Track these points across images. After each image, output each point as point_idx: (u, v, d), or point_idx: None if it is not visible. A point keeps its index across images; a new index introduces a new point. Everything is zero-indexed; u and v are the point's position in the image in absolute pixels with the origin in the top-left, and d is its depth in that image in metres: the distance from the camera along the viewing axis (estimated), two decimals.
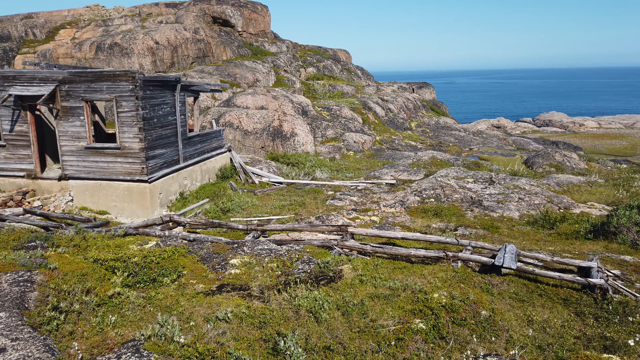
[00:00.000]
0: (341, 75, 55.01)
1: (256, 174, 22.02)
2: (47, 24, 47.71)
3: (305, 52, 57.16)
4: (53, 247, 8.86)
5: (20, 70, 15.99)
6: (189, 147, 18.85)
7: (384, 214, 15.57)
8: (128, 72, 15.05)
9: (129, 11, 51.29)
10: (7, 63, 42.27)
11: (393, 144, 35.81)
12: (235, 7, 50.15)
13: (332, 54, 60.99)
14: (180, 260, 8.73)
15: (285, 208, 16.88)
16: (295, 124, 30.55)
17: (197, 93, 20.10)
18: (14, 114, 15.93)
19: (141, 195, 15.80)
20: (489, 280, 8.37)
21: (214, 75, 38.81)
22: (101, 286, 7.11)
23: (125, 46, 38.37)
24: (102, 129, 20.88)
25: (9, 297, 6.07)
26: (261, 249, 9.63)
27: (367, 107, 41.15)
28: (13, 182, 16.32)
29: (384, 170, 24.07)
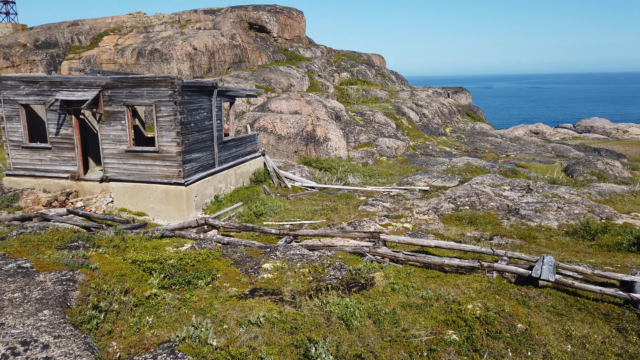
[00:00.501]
0: (375, 80, 54.83)
1: (289, 178, 22.19)
2: (92, 30, 49.64)
3: (340, 57, 57.30)
4: (94, 248, 9.19)
5: (66, 76, 16.70)
6: (224, 151, 19.20)
7: (416, 221, 15.39)
8: (167, 78, 15.49)
9: (168, 18, 52.78)
10: (54, 69, 44.20)
11: (427, 149, 35.38)
12: (271, 13, 50.83)
13: (366, 59, 60.90)
14: (214, 263, 8.90)
15: (318, 213, 16.94)
16: (329, 128, 30.63)
17: (233, 98, 20.46)
18: (60, 117, 16.63)
19: (178, 197, 16.19)
20: (525, 292, 8.15)
21: (249, 81, 39.41)
22: (139, 287, 7.32)
23: (164, 52, 39.47)
24: (142, 132, 21.53)
25: (52, 296, 6.34)
26: (293, 254, 9.70)
27: (400, 112, 40.85)
28: (58, 183, 17.02)
29: (417, 176, 23.82)
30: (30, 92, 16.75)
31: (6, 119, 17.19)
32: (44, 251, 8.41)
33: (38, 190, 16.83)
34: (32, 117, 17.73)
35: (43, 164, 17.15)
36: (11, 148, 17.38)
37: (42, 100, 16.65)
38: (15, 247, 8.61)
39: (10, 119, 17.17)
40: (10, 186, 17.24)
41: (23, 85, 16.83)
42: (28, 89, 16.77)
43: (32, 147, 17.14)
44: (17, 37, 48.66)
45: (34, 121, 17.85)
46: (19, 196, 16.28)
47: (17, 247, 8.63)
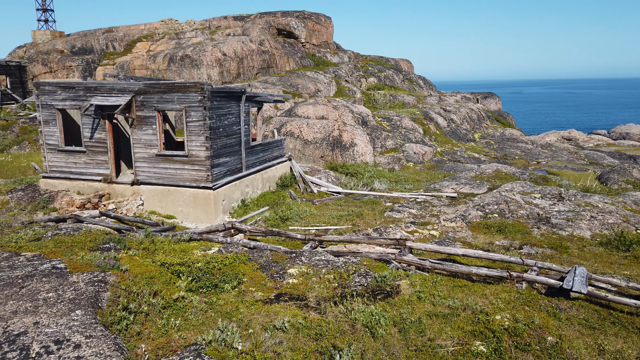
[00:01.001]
0: (402, 85, 54.51)
1: (315, 183, 22.25)
2: (126, 37, 51.04)
3: (367, 62, 57.22)
4: (125, 250, 9.42)
5: (101, 82, 17.20)
6: (251, 156, 19.41)
7: (443, 229, 15.19)
8: (197, 84, 15.78)
9: (199, 24, 53.81)
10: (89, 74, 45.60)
11: (455, 155, 34.92)
12: (300, 19, 51.21)
13: (394, 64, 60.63)
14: (240, 268, 8.99)
15: (343, 218, 16.91)
16: (355, 134, 30.60)
17: (261, 103, 20.68)
18: (94, 122, 17.15)
19: (205, 201, 16.44)
20: (556, 304, 7.94)
21: (277, 86, 39.76)
22: (167, 289, 7.47)
23: (195, 58, 40.24)
24: (172, 137, 21.97)
25: (84, 296, 6.53)
26: (318, 259, 9.71)
27: (428, 117, 40.47)
28: (91, 185, 17.53)
29: (445, 182, 23.52)
30: (67, 97, 17.34)
31: (44, 123, 17.83)
32: (77, 252, 8.67)
33: (72, 192, 17.36)
34: (67, 122, 18.33)
35: (77, 166, 17.69)
36: (48, 151, 18.00)
37: (78, 105, 17.19)
38: (50, 247, 8.90)
39: (48, 123, 17.79)
40: (46, 188, 17.84)
41: (60, 91, 17.42)
42: (64, 94, 17.36)
43: (68, 150, 17.71)
44: (55, 44, 50.46)
45: (70, 125, 18.44)
46: (54, 198, 16.83)
47: (52, 247, 8.92)
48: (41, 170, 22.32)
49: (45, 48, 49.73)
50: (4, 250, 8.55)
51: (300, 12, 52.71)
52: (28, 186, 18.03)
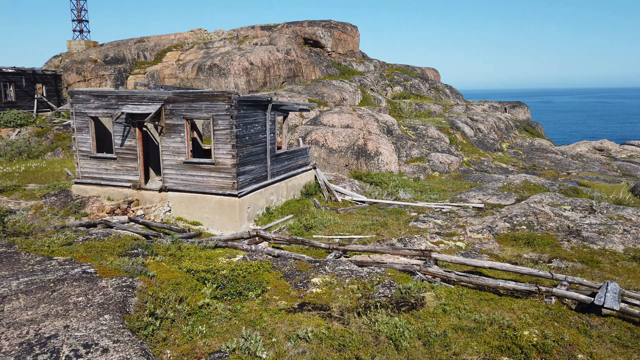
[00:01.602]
0: (428, 94, 54.14)
1: (339, 192, 22.24)
2: (156, 47, 52.33)
3: (393, 70, 57.11)
4: (152, 255, 9.59)
5: (132, 91, 17.66)
6: (276, 164, 19.56)
7: (470, 240, 14.95)
8: (225, 93, 16.04)
9: (227, 34, 54.76)
10: (121, 83, 46.86)
11: (482, 165, 34.39)
12: (326, 29, 51.56)
13: (420, 73, 60.32)
14: (264, 276, 9.04)
15: (367, 228, 16.84)
16: (380, 142, 30.50)
17: (287, 112, 20.86)
18: (124, 129, 17.60)
19: (231, 208, 16.62)
20: (587, 320, 7.71)
21: (302, 94, 40.04)
22: (192, 296, 7.57)
23: (222, 67, 40.92)
24: (199, 145, 22.34)
25: (113, 301, 6.67)
26: (342, 269, 9.68)
27: (454, 126, 40.03)
28: (121, 191, 17.95)
29: (471, 193, 23.17)
30: (99, 106, 17.86)
31: (77, 130, 18.40)
32: (106, 257, 8.88)
33: (103, 198, 17.82)
34: (99, 129, 18.86)
35: (108, 173, 18.16)
36: (80, 158, 18.54)
37: (110, 113, 17.69)
38: (81, 252, 9.14)
39: (81, 130, 18.35)
40: (78, 193, 18.36)
41: (93, 99, 17.97)
42: (97, 102, 17.89)
43: (99, 157, 18.21)
44: (89, 54, 52.11)
45: (101, 133, 18.97)
46: (86, 203, 17.30)
47: (83, 252, 9.16)
48: (73, 176, 23.00)
49: (79, 57, 51.41)
50: (37, 254, 8.83)
51: (326, 21, 53.08)
52: (61, 191, 18.58)
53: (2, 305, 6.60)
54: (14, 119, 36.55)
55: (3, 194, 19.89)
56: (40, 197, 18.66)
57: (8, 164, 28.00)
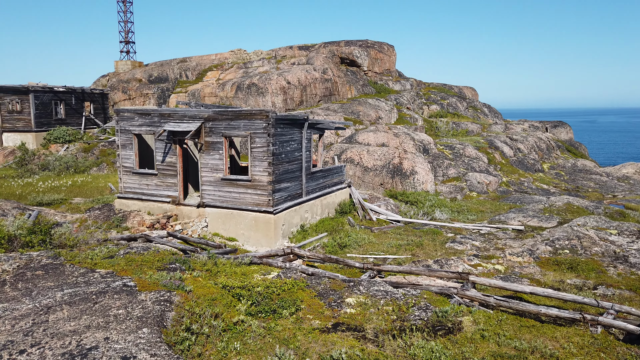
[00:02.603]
0: (466, 113, 53.43)
1: (374, 210, 22.09)
2: (198, 66, 54.09)
3: (429, 89, 56.77)
4: (189, 270, 9.77)
5: (174, 109, 18.26)
6: (311, 182, 19.66)
7: (509, 263, 14.50)
8: (262, 112, 16.35)
9: (266, 54, 56.02)
10: (164, 101, 48.56)
11: (522, 186, 33.46)
12: (363, 48, 51.98)
13: (458, 91, 59.71)
14: (298, 294, 9.04)
15: (402, 248, 16.61)
16: (416, 161, 30.21)
17: (322, 130, 21.03)
18: (166, 146, 18.16)
19: (266, 225, 16.77)
20: (636, 352, 7.29)
21: (338, 113, 40.29)
22: (227, 312, 7.64)
23: (260, 86, 41.80)
24: (237, 162, 22.77)
25: (151, 315, 6.82)
26: (377, 290, 9.56)
27: (493, 146, 39.25)
28: (160, 206, 18.45)
29: (511, 214, 22.54)
30: (143, 123, 18.53)
31: (121, 146, 19.12)
32: (146, 271, 9.10)
33: (143, 212, 18.35)
34: (142, 146, 19.53)
35: (149, 188, 18.72)
36: (123, 173, 19.22)
37: (152, 131, 18.31)
38: (121, 265, 9.42)
39: (125, 146, 19.06)
40: (120, 208, 18.98)
41: (137, 117, 18.67)
42: (141, 120, 18.57)
43: (141, 172, 18.82)
44: (134, 73, 54.36)
45: (144, 149, 19.64)
46: (127, 217, 17.85)
47: (124, 265, 9.43)
48: (116, 191, 23.82)
49: (125, 77, 53.69)
50: (81, 266, 9.15)
51: (363, 41, 53.52)
52: (104, 205, 19.27)
53: (47, 316, 6.86)
54: (63, 135, 38.37)
55: (51, 207, 20.80)
56: (85, 211, 19.39)
57: (56, 178, 29.32)
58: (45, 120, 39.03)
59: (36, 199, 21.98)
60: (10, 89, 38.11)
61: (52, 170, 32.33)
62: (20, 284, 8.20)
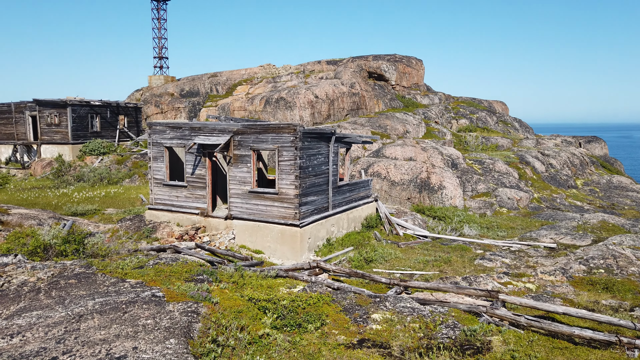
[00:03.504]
0: (496, 128, 52.62)
1: (401, 225, 21.87)
2: (228, 81, 55.18)
3: (458, 103, 56.24)
4: (216, 282, 9.87)
5: (204, 123, 18.64)
6: (338, 196, 19.66)
7: (541, 282, 14.09)
8: (290, 125, 16.52)
9: (294, 69, 56.72)
10: (194, 115, 49.64)
11: (554, 202, 32.59)
12: (391, 62, 52.05)
13: (487, 106, 58.93)
14: (324, 308, 9.00)
15: (430, 264, 16.37)
16: (444, 176, 29.85)
17: (349, 144, 21.06)
18: (196, 159, 18.52)
19: (292, 238, 16.82)
20: None
21: (365, 127, 40.31)
22: (253, 325, 7.67)
23: (289, 100, 42.27)
24: (264, 175, 23.00)
25: (178, 326, 6.91)
26: (403, 306, 9.44)
27: (524, 161, 38.45)
28: (189, 218, 18.75)
29: (542, 231, 21.95)
30: (174, 136, 18.97)
31: (153, 159, 19.59)
32: (174, 282, 9.25)
33: (173, 224, 18.69)
34: (172, 158, 19.97)
35: (179, 200, 19.08)
36: (154, 185, 19.66)
37: (183, 144, 18.72)
38: (151, 276, 9.59)
39: (156, 159, 19.52)
40: (151, 219, 19.38)
41: (168, 130, 19.13)
42: (172, 133, 19.02)
43: (171, 184, 19.22)
44: (167, 88, 55.83)
45: (174, 162, 20.07)
46: (157, 228, 18.21)
47: (153, 276, 9.61)
48: (147, 202, 24.35)
49: (158, 91, 55.19)
50: (112, 275, 9.37)
51: (391, 55, 53.61)
52: (135, 216, 19.72)
53: (78, 324, 7.03)
54: (98, 148, 39.61)
55: (85, 217, 21.42)
56: (117, 221, 19.88)
57: (90, 189, 30.22)
58: (81, 133, 40.41)
59: (71, 209, 22.68)
60: (49, 102, 39.68)
61: (86, 182, 33.35)
62: (54, 292, 8.45)
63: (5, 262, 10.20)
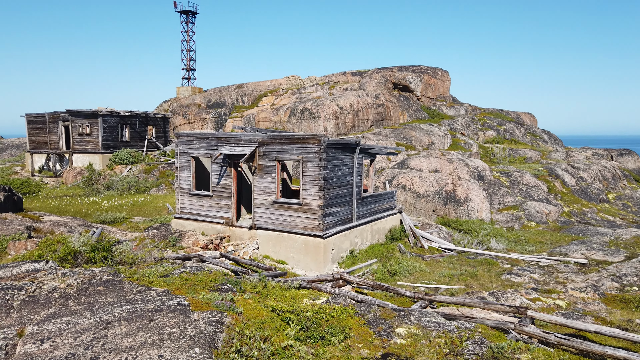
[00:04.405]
0: (524, 139, 51.68)
1: (426, 238, 21.61)
2: (254, 92, 55.90)
3: (485, 115, 55.53)
4: (240, 292, 9.91)
5: (230, 133, 18.89)
6: (362, 207, 19.57)
7: (571, 299, 13.67)
8: (315, 136, 16.58)
9: (319, 80, 57.09)
10: (220, 125, 50.38)
11: (584, 217, 31.70)
12: (416, 73, 51.87)
13: (515, 117, 58.02)
14: (347, 321, 8.92)
15: (455, 278, 16.08)
16: (470, 188, 29.42)
17: (374, 155, 20.99)
18: (221, 169, 18.75)
19: (315, 249, 16.80)
20: None
21: (390, 138, 40.15)
22: (276, 336, 7.65)
23: (313, 111, 42.51)
24: (289, 185, 23.10)
25: (203, 335, 6.95)
26: (428, 321, 9.28)
27: (553, 174, 37.59)
28: (214, 227, 18.95)
29: (573, 246, 21.34)
30: (201, 147, 19.27)
31: (179, 168, 19.93)
32: (199, 291, 9.33)
33: (198, 233, 18.91)
34: (198, 168, 20.27)
35: (204, 209, 19.32)
36: (180, 194, 19.97)
37: (209, 154, 18.99)
38: (176, 284, 9.71)
39: (183, 169, 19.85)
40: (177, 228, 19.67)
41: (195, 140, 19.45)
42: (199, 143, 19.33)
43: (197, 194, 19.49)
44: (194, 99, 56.89)
45: (200, 171, 20.37)
46: (182, 237, 18.46)
47: (178, 284, 9.72)
48: (173, 211, 24.74)
49: (185, 102, 56.30)
50: (139, 283, 9.51)
51: (417, 66, 53.44)
52: (162, 225, 20.04)
53: (106, 331, 7.15)
54: (126, 157, 40.55)
55: (113, 225, 21.89)
56: (144, 230, 20.24)
57: (119, 197, 30.90)
58: (111, 142, 41.48)
59: (100, 217, 23.22)
60: (81, 113, 40.91)
61: (115, 190, 34.13)
62: (83, 298, 8.62)
63: (37, 268, 10.48)
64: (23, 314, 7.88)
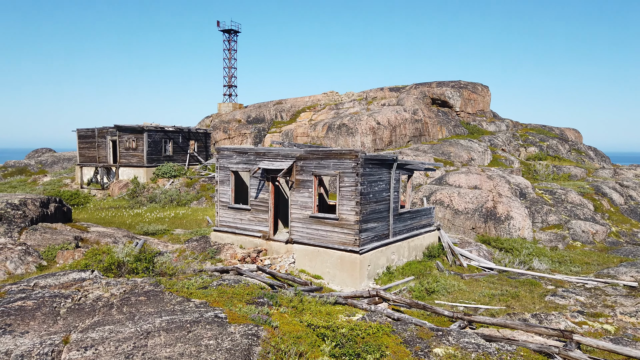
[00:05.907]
0: (568, 156, 49.92)
1: (465, 256, 21.10)
2: (292, 108, 56.71)
3: (527, 130, 54.11)
4: (276, 306, 9.97)
5: (268, 148, 19.20)
6: (399, 223, 19.37)
7: (620, 324, 12.98)
8: (352, 152, 16.62)
9: (357, 96, 57.32)
10: (259, 140, 51.30)
11: (634, 237, 30.15)
12: (455, 89, 51.30)
13: (559, 133, 56.23)
14: (383, 339, 8.80)
15: (495, 298, 15.60)
16: (511, 206, 28.59)
17: (411, 171, 20.80)
18: (259, 183, 19.04)
19: (351, 265, 16.71)
20: None
21: (428, 154, 39.69)
22: (312, 352, 7.64)
23: (351, 126, 42.64)
24: (325, 200, 23.17)
25: (239, 348, 7.03)
26: (467, 342, 9.03)
27: (600, 192, 36.05)
28: (251, 241, 19.20)
29: (622, 268, 20.31)
30: (240, 161, 19.67)
31: (219, 182, 20.38)
32: (236, 304, 9.45)
33: (236, 246, 19.20)
34: (237, 182, 20.66)
35: (242, 223, 19.62)
36: (220, 207, 20.38)
37: (248, 168, 19.35)
38: (214, 296, 9.87)
39: (223, 182, 20.29)
40: (216, 240, 20.04)
41: (235, 155, 19.88)
42: (239, 158, 19.73)
43: (236, 207, 19.83)
44: (235, 114, 58.25)
45: (239, 185, 20.75)
46: (221, 250, 18.78)
47: (216, 297, 9.88)
48: (213, 224, 25.24)
49: (226, 118, 57.70)
50: (178, 294, 9.74)
51: (456, 82, 52.85)
52: (201, 237, 20.47)
53: (146, 340, 7.34)
54: (169, 171, 41.81)
55: (155, 237, 22.53)
56: (184, 242, 20.73)
57: (161, 210, 31.82)
58: (155, 156, 42.90)
59: (143, 228, 23.96)
60: (128, 128, 42.61)
61: (158, 203, 35.19)
62: (125, 308, 8.90)
63: (83, 277, 10.91)
64: (69, 322, 8.21)
